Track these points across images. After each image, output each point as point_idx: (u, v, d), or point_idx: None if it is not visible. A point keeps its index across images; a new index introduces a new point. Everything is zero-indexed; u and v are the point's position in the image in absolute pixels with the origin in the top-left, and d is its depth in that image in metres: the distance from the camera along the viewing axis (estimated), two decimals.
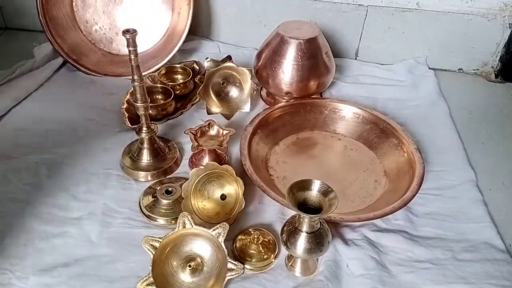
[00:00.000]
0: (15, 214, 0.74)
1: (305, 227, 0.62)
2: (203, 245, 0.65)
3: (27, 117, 0.97)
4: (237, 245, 0.69)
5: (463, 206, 0.79)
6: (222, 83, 0.98)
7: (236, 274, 0.63)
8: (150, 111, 0.84)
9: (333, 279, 0.66)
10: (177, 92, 1.02)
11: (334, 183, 0.62)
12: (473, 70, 1.19)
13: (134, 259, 0.68)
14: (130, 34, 0.69)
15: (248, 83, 0.97)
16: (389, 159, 0.87)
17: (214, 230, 0.64)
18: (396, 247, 0.71)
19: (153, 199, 0.77)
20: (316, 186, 0.62)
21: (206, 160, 0.83)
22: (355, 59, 1.22)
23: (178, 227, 0.64)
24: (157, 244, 0.63)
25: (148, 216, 0.75)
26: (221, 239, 0.63)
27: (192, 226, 0.64)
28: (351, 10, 1.15)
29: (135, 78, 0.74)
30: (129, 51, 0.71)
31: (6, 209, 0.75)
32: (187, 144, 0.90)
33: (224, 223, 0.64)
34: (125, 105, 0.94)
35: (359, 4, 1.14)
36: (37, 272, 0.66)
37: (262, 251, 0.69)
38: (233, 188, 0.74)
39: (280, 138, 0.93)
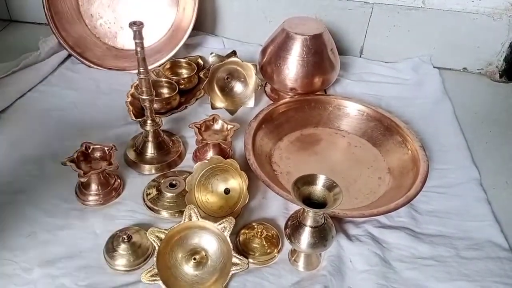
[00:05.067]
0: (19, 206, 0.75)
1: (309, 222, 0.63)
2: (208, 239, 0.65)
3: (31, 109, 0.97)
4: (241, 239, 0.70)
5: (467, 204, 0.80)
6: (227, 78, 0.98)
7: (240, 268, 0.63)
8: (155, 105, 0.84)
9: (336, 274, 0.66)
10: (182, 86, 1.02)
11: (338, 179, 0.62)
12: (478, 69, 1.19)
13: None
14: (137, 26, 0.69)
15: (252, 79, 0.97)
16: (393, 156, 0.87)
17: (220, 224, 0.64)
18: (399, 243, 0.72)
19: (157, 192, 0.77)
20: (321, 181, 0.62)
21: (210, 154, 0.83)
22: (360, 56, 1.22)
23: (184, 220, 0.64)
24: (162, 236, 0.63)
25: (151, 209, 0.75)
26: (227, 233, 0.63)
27: (198, 219, 0.64)
28: (356, 7, 1.15)
29: (141, 70, 0.74)
30: (136, 43, 0.71)
31: (11, 200, 0.76)
32: (190, 138, 0.90)
33: (230, 217, 0.64)
34: (129, 99, 0.94)
35: (364, 2, 1.14)
36: (42, 263, 0.66)
37: (266, 245, 0.69)
38: (237, 182, 0.74)
39: (284, 134, 0.93)
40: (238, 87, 0.99)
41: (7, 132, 0.90)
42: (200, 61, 1.13)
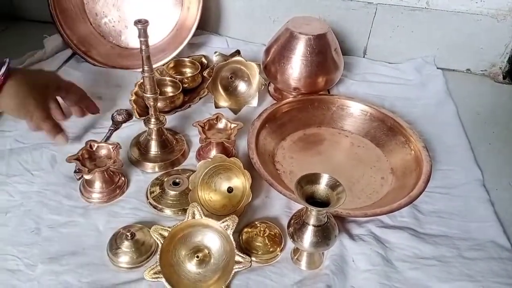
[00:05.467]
0: (23, 202, 0.75)
1: (312, 221, 0.63)
2: (211, 237, 0.65)
3: None
4: (243, 237, 0.70)
5: (470, 205, 0.79)
6: (230, 78, 0.98)
7: (243, 267, 0.63)
8: (159, 103, 0.85)
9: (339, 273, 0.66)
10: (185, 85, 1.02)
11: (341, 179, 0.62)
12: (481, 70, 1.19)
13: None
14: (142, 24, 0.69)
15: (256, 78, 0.97)
16: (396, 156, 0.87)
17: (223, 222, 0.64)
18: (402, 243, 0.72)
19: (160, 190, 0.77)
20: (324, 180, 0.62)
21: (213, 152, 0.84)
22: (363, 57, 1.23)
23: (188, 218, 0.64)
24: (165, 234, 0.63)
25: (155, 207, 0.75)
26: (230, 232, 0.64)
27: (202, 217, 0.64)
28: (360, 7, 1.15)
29: (146, 69, 0.75)
30: (140, 41, 0.71)
31: (14, 197, 0.76)
32: (194, 137, 0.91)
33: (233, 215, 0.65)
34: (133, 97, 0.95)
35: (368, 2, 1.14)
36: (45, 260, 0.66)
37: (268, 244, 0.69)
38: (240, 181, 0.75)
39: (287, 134, 0.93)
40: (241, 86, 0.99)
41: (11, 128, 0.90)
42: (204, 60, 1.13)
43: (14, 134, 0.89)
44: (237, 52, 1.07)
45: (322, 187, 0.62)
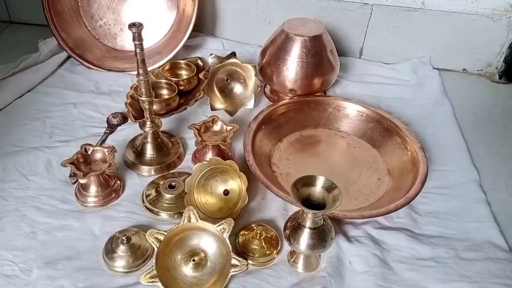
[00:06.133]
0: (18, 207, 0.75)
1: (308, 223, 0.62)
2: (207, 240, 0.65)
3: (29, 110, 0.97)
4: (240, 240, 0.70)
5: (466, 205, 0.79)
6: (226, 80, 0.98)
7: (239, 270, 0.63)
8: (154, 106, 0.84)
9: (336, 275, 0.66)
10: (181, 88, 1.02)
11: (337, 180, 0.62)
12: (477, 70, 1.19)
13: None
14: (136, 28, 0.69)
15: (252, 80, 0.97)
16: (393, 157, 0.87)
17: (219, 225, 0.64)
18: (399, 245, 0.71)
19: (156, 193, 0.77)
20: (320, 182, 0.62)
21: (209, 155, 0.83)
22: (359, 57, 1.22)
23: (183, 221, 0.64)
24: (161, 237, 0.63)
25: (150, 210, 0.75)
26: (226, 235, 0.64)
27: (197, 220, 0.64)
28: (356, 8, 1.15)
29: (140, 72, 0.74)
30: (135, 45, 0.71)
31: (9, 201, 0.76)
32: (190, 139, 0.91)
33: (229, 218, 0.65)
34: (128, 100, 0.94)
35: (364, 3, 1.14)
36: (41, 265, 0.66)
37: (265, 246, 0.69)
38: (236, 184, 0.74)
39: (284, 135, 0.93)
40: (237, 88, 0.99)
41: (4, 132, 0.90)
42: (199, 62, 1.13)
43: (11, 138, 0.89)
44: (233, 54, 1.06)
45: (318, 189, 0.62)
